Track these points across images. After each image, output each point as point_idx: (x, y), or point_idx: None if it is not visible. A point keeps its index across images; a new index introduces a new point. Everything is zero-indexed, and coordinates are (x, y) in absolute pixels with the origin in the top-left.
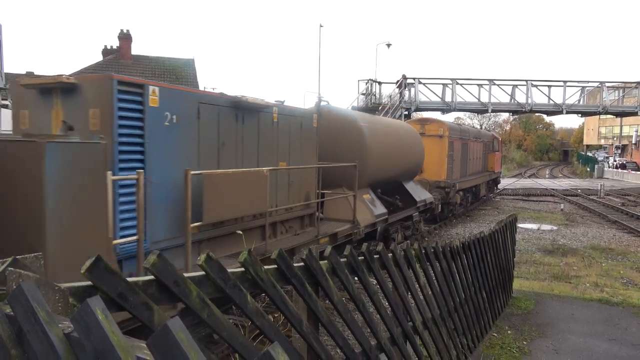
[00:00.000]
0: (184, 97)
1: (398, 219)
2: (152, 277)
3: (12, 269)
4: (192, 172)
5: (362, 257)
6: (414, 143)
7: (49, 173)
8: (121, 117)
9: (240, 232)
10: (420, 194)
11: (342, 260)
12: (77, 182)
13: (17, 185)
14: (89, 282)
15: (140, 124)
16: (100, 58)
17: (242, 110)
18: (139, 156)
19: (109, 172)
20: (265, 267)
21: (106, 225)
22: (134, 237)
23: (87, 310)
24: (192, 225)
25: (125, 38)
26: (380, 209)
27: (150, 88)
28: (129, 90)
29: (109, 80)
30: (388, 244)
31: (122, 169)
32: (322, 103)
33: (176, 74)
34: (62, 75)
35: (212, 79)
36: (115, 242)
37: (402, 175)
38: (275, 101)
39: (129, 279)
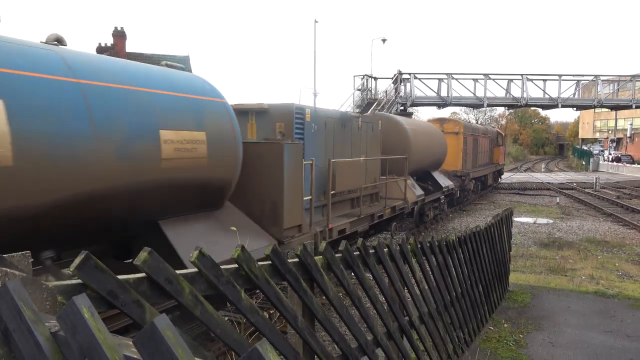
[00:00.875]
0: (319, 114)
1: (431, 199)
2: (143, 274)
3: None
4: (332, 160)
5: (358, 252)
6: (440, 140)
7: (285, 160)
8: (296, 127)
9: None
10: (444, 181)
11: (337, 255)
12: (292, 165)
13: (264, 167)
14: (79, 280)
15: (302, 131)
16: None
17: (344, 120)
18: (302, 151)
19: (302, 160)
20: (259, 262)
21: (301, 189)
22: (309, 197)
23: (73, 308)
24: (331, 192)
25: (119, 35)
26: (419, 191)
27: (307, 109)
28: (299, 111)
29: (292, 106)
30: (423, 219)
31: None
32: (376, 112)
33: None
34: (261, 103)
35: (207, 76)
36: (304, 198)
37: (431, 166)
38: (357, 112)
39: (120, 277)
